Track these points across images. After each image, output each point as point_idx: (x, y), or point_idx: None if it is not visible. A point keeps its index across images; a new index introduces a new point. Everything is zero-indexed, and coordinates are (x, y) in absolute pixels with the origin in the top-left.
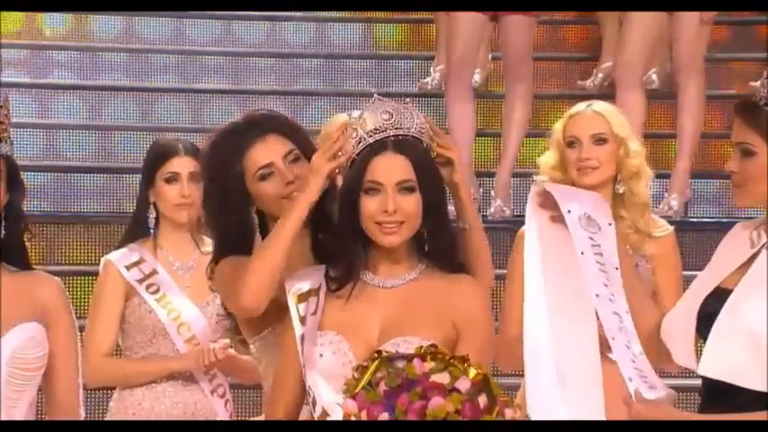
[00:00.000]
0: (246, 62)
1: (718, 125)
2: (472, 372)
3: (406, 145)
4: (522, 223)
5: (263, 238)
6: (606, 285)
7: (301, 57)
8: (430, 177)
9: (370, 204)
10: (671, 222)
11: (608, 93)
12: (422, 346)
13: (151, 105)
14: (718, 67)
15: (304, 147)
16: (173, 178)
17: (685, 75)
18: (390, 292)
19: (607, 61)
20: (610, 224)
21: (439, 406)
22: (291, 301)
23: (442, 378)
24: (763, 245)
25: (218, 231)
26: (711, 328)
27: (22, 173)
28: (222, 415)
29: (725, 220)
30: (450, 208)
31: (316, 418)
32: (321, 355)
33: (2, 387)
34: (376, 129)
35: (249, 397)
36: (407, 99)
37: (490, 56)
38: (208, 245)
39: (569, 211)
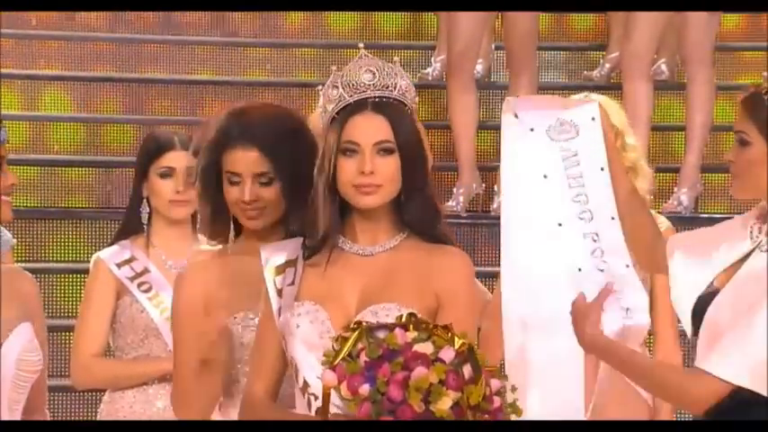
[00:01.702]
0: (240, 52)
1: (730, 117)
2: (457, 341)
3: (386, 106)
4: None
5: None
6: (578, 202)
7: (297, 47)
8: (409, 139)
9: (346, 166)
10: (680, 218)
11: (615, 84)
12: (402, 315)
13: (142, 96)
14: (728, 57)
15: (283, 170)
16: (167, 173)
17: (694, 65)
18: (369, 260)
19: (614, 51)
20: (593, 119)
21: (422, 376)
22: (268, 275)
23: (425, 348)
24: (758, 244)
25: (202, 208)
26: (696, 324)
27: (10, 166)
28: (216, 418)
29: (737, 215)
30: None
31: (299, 389)
32: (298, 326)
33: (9, 390)
34: (357, 88)
35: None
36: (396, 59)
37: (493, 45)
38: (201, 243)
39: (532, 129)
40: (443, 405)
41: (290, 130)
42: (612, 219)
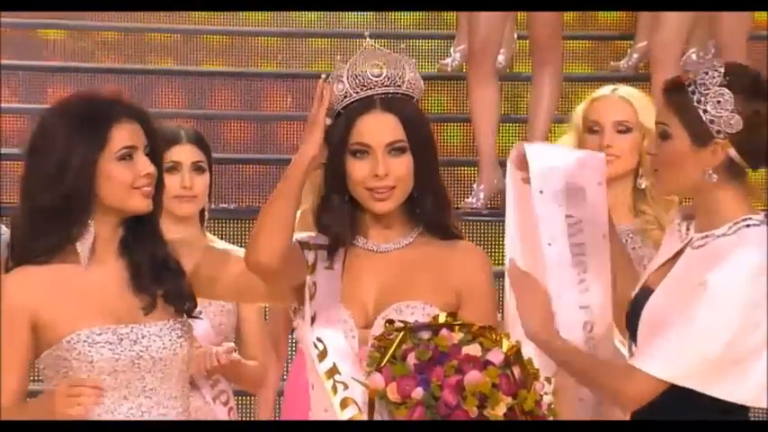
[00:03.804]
0: (251, 42)
1: None
2: (506, 344)
3: (395, 102)
4: None
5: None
6: (576, 272)
7: (311, 36)
8: (421, 137)
9: (358, 169)
10: None
11: (643, 74)
12: (438, 315)
13: (148, 88)
14: (762, 48)
15: (154, 147)
16: (173, 168)
17: (726, 55)
18: (385, 257)
19: (643, 41)
20: (600, 183)
21: (478, 381)
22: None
23: (474, 350)
24: (689, 242)
25: (40, 219)
26: (633, 327)
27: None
28: None
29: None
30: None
31: (324, 372)
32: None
33: None
34: (363, 84)
35: (255, 404)
36: (403, 46)
37: (516, 35)
38: (211, 241)
39: (541, 192)
40: (499, 411)
41: None
42: (607, 289)
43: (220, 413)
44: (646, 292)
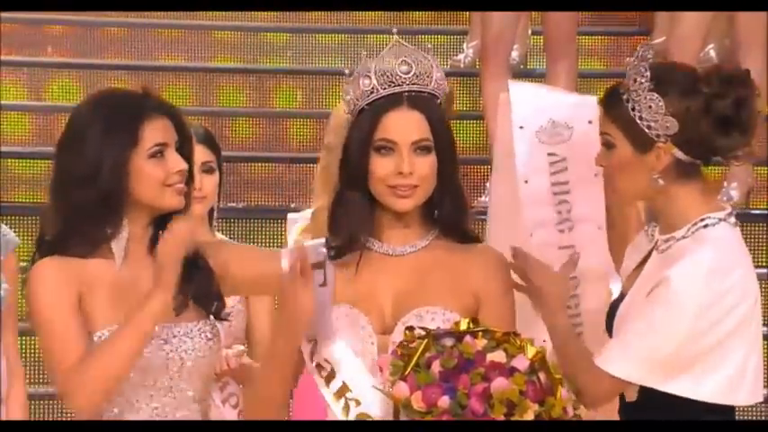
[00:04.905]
0: (260, 38)
1: None
2: (530, 350)
3: (421, 100)
4: None
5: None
6: (559, 212)
7: (321, 32)
8: (445, 138)
9: (382, 166)
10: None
11: None
12: (459, 321)
13: (155, 85)
14: None
15: (183, 143)
16: None
17: (745, 51)
18: (400, 261)
19: (660, 36)
20: (590, 122)
21: (505, 388)
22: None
23: (499, 357)
24: (655, 244)
25: (72, 213)
26: (611, 331)
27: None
28: None
29: None
30: None
31: (332, 393)
32: (338, 329)
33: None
34: (392, 81)
35: None
36: (429, 45)
37: (530, 30)
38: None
39: (521, 127)
40: (527, 418)
41: None
42: (599, 228)
43: (230, 416)
44: (622, 298)
